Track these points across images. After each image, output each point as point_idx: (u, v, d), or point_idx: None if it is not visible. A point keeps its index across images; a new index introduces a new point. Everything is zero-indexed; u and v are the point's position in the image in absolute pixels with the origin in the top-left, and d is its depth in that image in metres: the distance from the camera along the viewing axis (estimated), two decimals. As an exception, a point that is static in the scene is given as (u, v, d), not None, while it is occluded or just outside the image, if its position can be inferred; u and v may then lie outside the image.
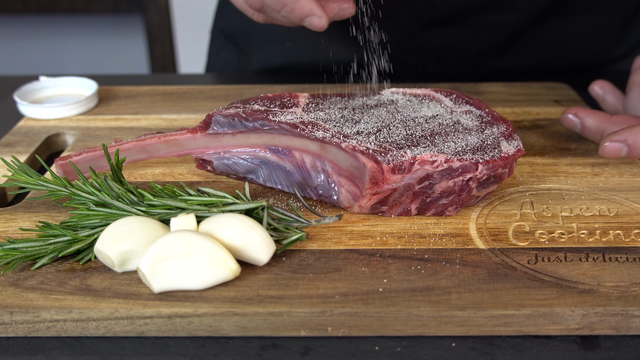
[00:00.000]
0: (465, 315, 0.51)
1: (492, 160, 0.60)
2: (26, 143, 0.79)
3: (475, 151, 0.61)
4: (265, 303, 0.51)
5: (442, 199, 0.61)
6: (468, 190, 0.60)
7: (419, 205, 0.61)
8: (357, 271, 0.55)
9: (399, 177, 0.58)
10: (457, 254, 0.57)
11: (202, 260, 0.52)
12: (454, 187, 0.59)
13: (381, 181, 0.58)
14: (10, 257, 0.54)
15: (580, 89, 0.95)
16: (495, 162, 0.60)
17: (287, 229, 0.58)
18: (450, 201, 0.61)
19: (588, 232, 0.60)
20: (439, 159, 0.58)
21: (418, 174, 0.58)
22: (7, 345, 0.51)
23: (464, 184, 0.59)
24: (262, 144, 0.66)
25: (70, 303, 0.51)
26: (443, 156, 0.59)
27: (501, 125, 0.66)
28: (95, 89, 0.89)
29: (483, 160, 0.59)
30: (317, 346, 0.51)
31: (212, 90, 0.95)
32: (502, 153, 0.61)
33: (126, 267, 0.55)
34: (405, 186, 0.59)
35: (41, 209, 0.64)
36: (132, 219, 0.55)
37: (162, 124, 0.84)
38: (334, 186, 0.62)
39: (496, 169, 0.60)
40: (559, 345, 0.51)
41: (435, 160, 0.58)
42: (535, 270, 0.55)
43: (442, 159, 0.58)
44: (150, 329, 0.51)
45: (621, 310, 0.50)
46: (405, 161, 0.58)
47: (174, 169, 0.72)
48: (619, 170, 0.71)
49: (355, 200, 0.61)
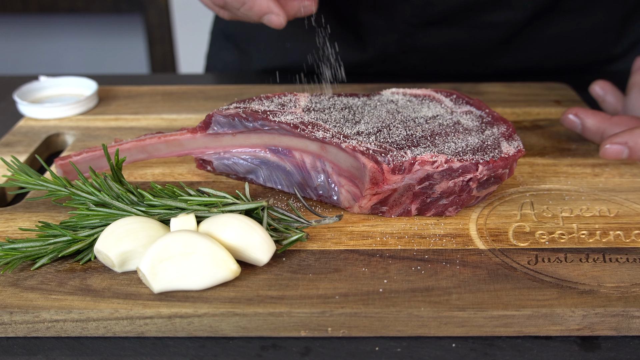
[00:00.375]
0: (466, 315, 0.50)
1: (492, 161, 0.60)
2: (26, 143, 0.79)
3: (475, 152, 0.61)
4: (265, 303, 0.51)
5: (442, 199, 0.61)
6: (468, 190, 0.60)
7: (419, 205, 0.61)
8: (357, 271, 0.55)
9: (399, 178, 0.58)
10: (458, 255, 0.57)
11: (202, 260, 0.52)
12: (454, 187, 0.59)
13: (381, 181, 0.58)
14: (10, 257, 0.54)
15: (580, 89, 0.95)
16: (496, 162, 0.60)
17: (287, 230, 0.58)
18: (451, 202, 0.61)
19: (588, 232, 0.60)
20: (439, 160, 0.58)
21: (418, 175, 0.58)
22: (6, 345, 0.51)
23: (464, 184, 0.59)
24: (262, 144, 0.66)
25: (70, 303, 0.51)
26: (443, 157, 0.59)
27: (501, 126, 0.66)
28: (95, 89, 0.89)
29: (483, 160, 0.59)
30: (317, 347, 0.51)
31: (212, 91, 0.95)
32: (502, 154, 0.61)
33: (126, 267, 0.54)
34: (405, 186, 0.59)
35: (41, 209, 0.64)
36: (132, 219, 0.55)
37: (162, 124, 0.84)
38: (334, 186, 0.62)
39: (496, 169, 0.60)
40: (560, 346, 0.51)
41: (436, 161, 0.58)
42: (535, 270, 0.55)
43: (443, 160, 0.58)
44: (150, 329, 0.51)
45: (621, 311, 0.50)
46: (406, 161, 0.58)
47: (174, 169, 0.72)
48: (619, 170, 0.71)
49: (355, 200, 0.61)
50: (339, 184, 0.62)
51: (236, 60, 1.15)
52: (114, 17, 2.56)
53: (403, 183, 0.59)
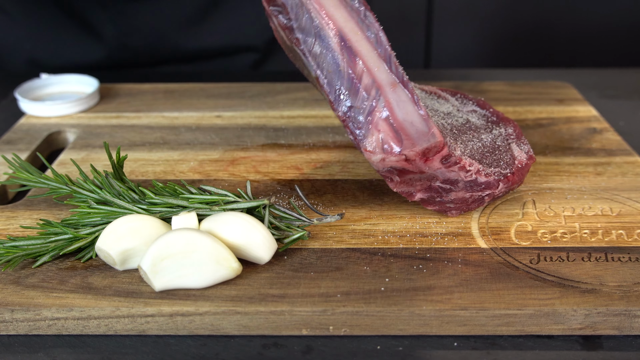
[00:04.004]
0: (467, 314, 0.50)
1: (511, 178, 0.60)
2: (27, 141, 0.79)
3: (492, 154, 0.60)
4: (267, 302, 0.51)
5: (452, 203, 0.60)
6: (480, 202, 0.60)
7: (427, 198, 0.60)
8: (359, 270, 0.55)
9: (438, 166, 0.56)
10: (459, 253, 0.57)
11: (204, 258, 0.51)
12: (469, 199, 0.59)
13: (430, 158, 0.55)
14: (11, 255, 0.54)
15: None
16: (514, 178, 0.60)
17: (289, 228, 0.58)
18: (457, 207, 0.61)
19: (590, 231, 0.60)
20: (472, 169, 0.57)
21: (450, 175, 0.57)
22: (8, 343, 0.51)
23: (480, 198, 0.59)
24: (342, 27, 0.57)
25: (71, 301, 0.51)
26: (476, 167, 0.57)
27: (508, 127, 0.66)
28: (96, 87, 0.89)
29: (504, 177, 0.59)
30: (319, 345, 0.51)
31: (214, 88, 0.95)
32: (516, 161, 0.61)
33: (127, 265, 0.54)
34: (430, 176, 0.57)
35: (42, 207, 0.64)
36: (134, 217, 0.55)
37: (164, 122, 0.84)
38: (369, 123, 0.55)
39: (513, 184, 0.60)
40: (561, 345, 0.51)
41: (470, 170, 0.57)
42: (537, 269, 0.55)
43: (474, 169, 0.57)
44: (151, 328, 0.51)
45: (624, 310, 0.50)
46: (453, 158, 0.56)
47: (175, 166, 0.72)
48: (622, 169, 0.71)
49: (383, 151, 0.56)
50: (375, 125, 0.56)
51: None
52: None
53: (432, 172, 0.57)
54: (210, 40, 1.11)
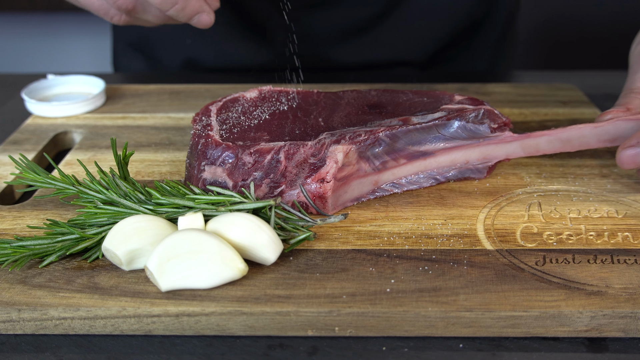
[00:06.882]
0: (473, 316, 0.50)
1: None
2: (34, 141, 0.79)
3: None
4: (273, 302, 0.51)
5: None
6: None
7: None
8: (365, 271, 0.55)
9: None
10: (465, 255, 0.57)
11: (210, 259, 0.52)
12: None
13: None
14: (18, 255, 0.54)
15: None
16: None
17: (295, 229, 0.58)
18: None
19: (596, 233, 0.60)
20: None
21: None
22: (15, 342, 0.51)
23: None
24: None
25: (77, 301, 0.51)
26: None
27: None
28: (102, 88, 0.89)
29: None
30: (325, 346, 0.51)
31: (219, 90, 0.95)
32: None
33: (134, 265, 0.55)
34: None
35: (49, 207, 0.64)
36: (140, 217, 0.55)
37: (170, 123, 0.84)
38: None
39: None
40: (567, 347, 0.51)
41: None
42: (543, 271, 0.55)
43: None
44: (157, 328, 0.51)
45: (630, 313, 0.50)
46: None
47: (181, 167, 0.72)
48: (627, 171, 0.71)
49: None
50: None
51: (145, 66, 1.15)
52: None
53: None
54: (371, 53, 1.09)
